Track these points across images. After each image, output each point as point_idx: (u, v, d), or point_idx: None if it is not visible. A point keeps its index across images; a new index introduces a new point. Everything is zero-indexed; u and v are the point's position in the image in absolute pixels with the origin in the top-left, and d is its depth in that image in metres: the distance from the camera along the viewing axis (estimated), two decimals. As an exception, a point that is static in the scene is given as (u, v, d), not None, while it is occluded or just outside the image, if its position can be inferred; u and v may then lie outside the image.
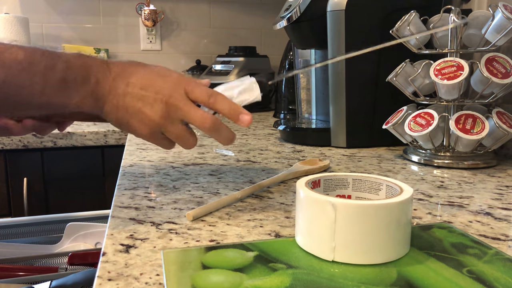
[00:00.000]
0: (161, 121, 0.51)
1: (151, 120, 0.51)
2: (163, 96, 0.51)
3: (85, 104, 0.51)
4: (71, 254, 0.93)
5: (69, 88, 0.49)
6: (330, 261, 0.39)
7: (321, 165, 0.74)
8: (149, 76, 0.52)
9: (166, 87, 0.51)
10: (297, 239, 0.43)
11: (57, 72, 0.48)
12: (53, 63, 0.48)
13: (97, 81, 0.51)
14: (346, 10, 0.90)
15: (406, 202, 0.39)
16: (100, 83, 0.51)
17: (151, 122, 0.51)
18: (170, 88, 0.51)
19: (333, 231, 0.38)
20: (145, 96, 0.51)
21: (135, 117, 0.51)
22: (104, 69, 0.52)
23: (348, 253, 0.39)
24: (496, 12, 0.74)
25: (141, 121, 0.51)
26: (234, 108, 0.53)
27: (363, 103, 0.95)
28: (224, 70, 1.71)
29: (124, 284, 0.36)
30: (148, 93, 0.51)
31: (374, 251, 0.38)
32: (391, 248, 0.39)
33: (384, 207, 0.38)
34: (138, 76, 0.52)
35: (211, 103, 0.52)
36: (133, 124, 0.52)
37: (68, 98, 0.49)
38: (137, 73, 0.52)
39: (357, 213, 0.38)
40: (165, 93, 0.51)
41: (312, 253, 0.40)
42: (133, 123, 0.52)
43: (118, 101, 0.51)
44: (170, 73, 0.54)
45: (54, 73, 0.48)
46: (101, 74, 0.51)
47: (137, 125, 0.52)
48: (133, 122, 0.52)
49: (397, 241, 0.39)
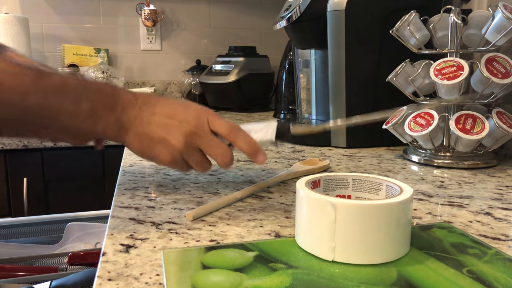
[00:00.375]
0: (183, 149, 0.53)
1: (174, 148, 0.53)
2: (187, 125, 0.53)
3: (109, 131, 0.53)
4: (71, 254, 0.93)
5: (97, 115, 0.51)
6: (330, 261, 0.39)
7: (321, 165, 0.74)
8: (173, 106, 0.55)
9: (189, 117, 0.54)
10: (297, 239, 0.43)
11: (88, 99, 0.50)
12: (85, 90, 0.51)
13: (123, 109, 0.53)
14: (346, 10, 0.90)
15: (406, 202, 0.39)
16: (126, 111, 0.53)
17: (174, 150, 0.53)
18: (194, 118, 0.54)
19: (333, 231, 0.38)
20: (170, 125, 0.53)
21: (159, 145, 0.53)
22: (131, 98, 0.54)
23: (348, 253, 0.39)
24: (496, 12, 0.74)
25: (164, 148, 0.53)
26: (253, 145, 0.55)
27: (363, 103, 0.95)
28: (224, 70, 1.71)
29: (124, 284, 0.36)
30: (173, 121, 0.53)
31: (374, 251, 0.38)
32: (391, 248, 0.39)
33: (384, 207, 0.38)
34: (163, 106, 0.54)
35: (231, 137, 0.55)
36: (156, 151, 0.54)
37: (94, 124, 0.51)
38: (161, 104, 0.55)
39: (357, 213, 0.38)
40: (189, 122, 0.53)
41: (312, 253, 0.40)
42: (156, 150, 0.54)
43: (143, 129, 0.53)
44: (191, 104, 0.56)
45: (85, 100, 0.50)
46: (128, 103, 0.53)
47: (160, 152, 0.54)
48: (156, 149, 0.54)
49: (397, 241, 0.39)
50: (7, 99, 0.46)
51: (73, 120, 0.50)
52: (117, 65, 2.00)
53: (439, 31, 0.81)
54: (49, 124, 0.50)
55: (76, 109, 0.50)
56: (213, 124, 0.55)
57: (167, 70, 2.05)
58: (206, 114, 0.55)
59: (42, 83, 0.48)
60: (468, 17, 0.80)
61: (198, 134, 0.53)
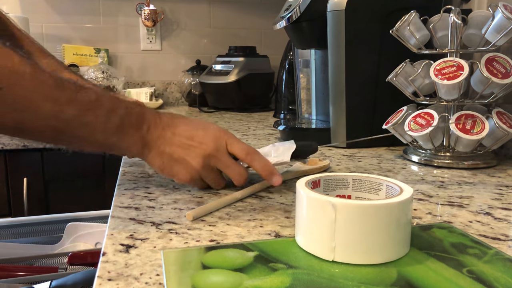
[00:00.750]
0: (201, 169, 0.58)
1: (193, 168, 0.57)
2: (206, 147, 0.57)
3: (134, 147, 0.57)
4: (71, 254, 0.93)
5: (124, 131, 0.55)
6: (330, 261, 0.39)
7: (321, 165, 0.74)
8: (193, 128, 0.59)
9: (209, 139, 0.58)
10: (297, 239, 0.43)
11: (118, 116, 0.54)
12: (116, 107, 0.54)
13: (148, 128, 0.57)
14: (346, 10, 0.90)
15: (406, 202, 0.39)
16: (150, 130, 0.57)
17: (192, 170, 0.58)
18: (212, 141, 0.58)
19: (333, 231, 0.38)
20: (190, 146, 0.57)
21: (178, 164, 0.58)
22: (155, 118, 0.58)
23: (348, 253, 0.39)
24: (496, 12, 0.74)
25: (184, 168, 0.58)
26: (268, 168, 0.59)
27: (363, 103, 0.95)
28: (224, 70, 1.71)
29: (124, 284, 0.36)
30: (193, 143, 0.57)
31: (374, 251, 0.38)
32: (391, 248, 0.39)
33: (384, 207, 0.38)
34: (184, 127, 0.58)
35: (248, 160, 0.59)
36: (175, 170, 0.58)
37: (120, 141, 0.55)
38: (183, 124, 0.59)
39: (357, 213, 0.38)
40: (208, 145, 0.57)
41: (312, 253, 0.40)
42: (176, 169, 0.58)
43: (165, 148, 0.57)
44: (211, 126, 0.60)
45: (115, 116, 0.54)
46: (153, 122, 0.57)
47: (180, 171, 0.58)
48: (176, 168, 0.58)
49: (397, 241, 0.39)
50: (48, 111, 0.48)
51: (102, 135, 0.53)
52: (117, 65, 2.00)
53: (439, 31, 0.81)
54: (81, 136, 0.53)
55: (106, 125, 0.53)
56: (231, 146, 0.59)
57: (167, 70, 2.05)
58: (224, 136, 0.59)
59: (80, 98, 0.50)
60: (468, 17, 0.80)
61: (216, 157, 0.58)
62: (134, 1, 1.96)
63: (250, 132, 1.18)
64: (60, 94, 0.49)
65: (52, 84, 0.48)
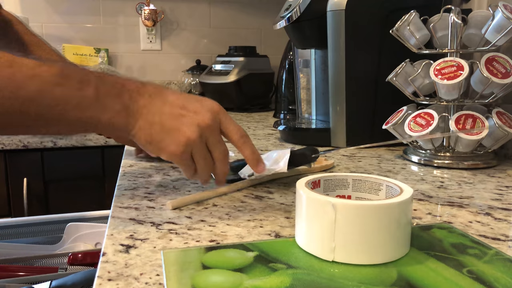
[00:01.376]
0: (196, 140, 0.50)
1: (187, 138, 0.50)
2: (203, 117, 0.51)
3: (117, 119, 0.49)
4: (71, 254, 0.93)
5: (101, 102, 0.48)
6: (330, 261, 0.39)
7: (322, 165, 0.74)
8: (186, 98, 0.53)
9: (203, 109, 0.52)
10: (297, 239, 0.43)
11: (91, 86, 0.48)
12: (87, 78, 0.48)
13: (131, 97, 0.50)
14: (346, 10, 0.90)
15: (406, 203, 0.39)
16: (134, 99, 0.50)
17: (187, 140, 0.50)
18: (208, 112, 0.52)
19: (333, 231, 0.38)
20: (184, 115, 0.51)
21: (170, 135, 0.50)
22: (138, 87, 0.51)
23: (348, 254, 0.39)
24: (496, 12, 0.74)
25: (176, 139, 0.50)
26: (256, 155, 0.54)
27: (363, 103, 0.95)
28: (224, 70, 1.71)
29: (124, 284, 0.36)
30: (187, 112, 0.51)
31: (374, 252, 0.38)
32: (391, 249, 0.39)
33: (384, 208, 0.38)
34: (174, 97, 0.52)
35: (241, 143, 0.53)
36: (166, 142, 0.50)
37: (100, 113, 0.48)
38: (172, 94, 0.53)
39: (357, 213, 0.38)
40: (203, 114, 0.51)
41: (312, 253, 0.40)
42: (167, 141, 0.50)
43: (154, 118, 0.50)
44: (204, 98, 0.54)
45: (88, 87, 0.48)
46: (136, 91, 0.51)
47: (171, 143, 0.50)
48: (167, 140, 0.50)
49: (397, 241, 0.39)
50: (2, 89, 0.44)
51: (76, 111, 0.47)
52: (117, 65, 2.00)
53: (439, 31, 0.81)
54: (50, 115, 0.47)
55: (79, 97, 0.47)
56: (225, 124, 0.53)
57: (167, 70, 2.05)
58: (219, 111, 0.53)
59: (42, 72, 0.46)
60: (468, 17, 0.79)
61: (211, 129, 0.51)
62: (134, 1, 1.96)
63: (250, 132, 1.18)
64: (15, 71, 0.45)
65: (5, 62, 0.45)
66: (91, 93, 0.48)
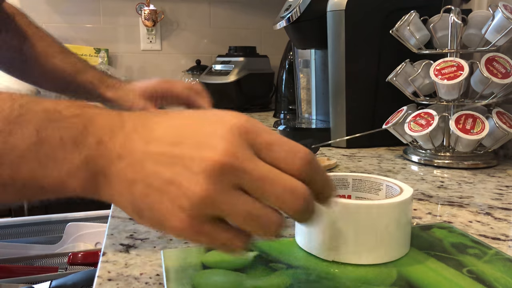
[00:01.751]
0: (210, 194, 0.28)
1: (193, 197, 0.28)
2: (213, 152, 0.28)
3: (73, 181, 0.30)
4: (71, 254, 0.93)
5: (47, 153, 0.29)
6: (330, 261, 0.39)
7: (325, 165, 0.74)
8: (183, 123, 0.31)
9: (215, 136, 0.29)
10: (297, 239, 0.43)
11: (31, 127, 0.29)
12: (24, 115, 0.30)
13: (100, 142, 0.30)
14: (346, 10, 0.90)
15: (406, 202, 0.39)
16: (104, 145, 0.30)
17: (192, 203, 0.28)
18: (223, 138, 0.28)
19: (333, 231, 0.38)
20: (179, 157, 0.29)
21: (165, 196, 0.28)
22: (113, 122, 0.31)
23: (348, 253, 0.39)
24: (496, 12, 0.74)
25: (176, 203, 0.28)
26: (331, 186, 0.32)
27: (363, 103, 0.95)
28: (224, 70, 1.71)
29: (124, 284, 0.36)
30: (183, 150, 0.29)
31: (374, 251, 0.38)
32: (391, 248, 0.39)
33: (385, 207, 0.38)
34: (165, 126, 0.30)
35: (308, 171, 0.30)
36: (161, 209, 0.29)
37: (45, 170, 0.30)
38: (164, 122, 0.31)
39: (357, 213, 0.38)
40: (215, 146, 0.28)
41: (312, 253, 0.40)
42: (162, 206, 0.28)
43: (135, 172, 0.29)
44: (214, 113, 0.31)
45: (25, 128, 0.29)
46: (108, 130, 0.30)
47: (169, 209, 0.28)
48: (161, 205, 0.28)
49: (397, 241, 0.39)
50: None
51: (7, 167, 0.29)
52: (117, 65, 2.00)
53: (439, 31, 0.81)
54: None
55: (12, 149, 0.29)
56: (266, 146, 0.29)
57: (167, 70, 2.05)
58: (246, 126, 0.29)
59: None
60: (468, 17, 0.79)
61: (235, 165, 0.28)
62: (134, 1, 1.96)
63: (250, 132, 1.18)
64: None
65: None
66: (30, 140, 0.29)
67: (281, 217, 0.29)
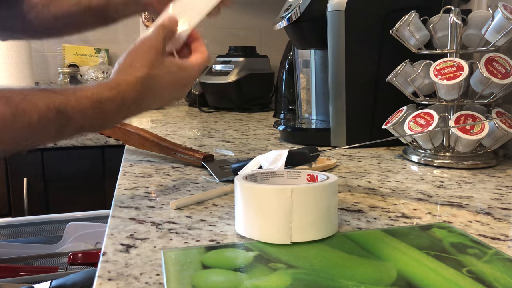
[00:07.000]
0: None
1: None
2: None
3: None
4: (71, 254, 0.93)
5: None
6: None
7: (324, 165, 0.74)
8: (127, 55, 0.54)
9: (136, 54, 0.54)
10: (246, 231, 0.45)
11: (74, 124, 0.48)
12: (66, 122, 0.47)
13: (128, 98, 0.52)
14: (346, 10, 0.90)
15: (335, 183, 0.46)
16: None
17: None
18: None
19: (290, 215, 0.42)
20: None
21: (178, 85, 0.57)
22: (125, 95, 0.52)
23: (304, 233, 0.43)
24: (496, 12, 0.74)
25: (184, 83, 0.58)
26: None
27: (363, 103, 0.95)
28: (224, 70, 1.71)
29: (124, 284, 0.36)
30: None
31: (324, 227, 0.44)
32: (334, 222, 0.45)
33: (330, 186, 0.44)
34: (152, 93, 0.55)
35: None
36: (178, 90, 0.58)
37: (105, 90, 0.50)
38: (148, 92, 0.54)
39: (310, 194, 0.43)
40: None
41: (268, 242, 0.43)
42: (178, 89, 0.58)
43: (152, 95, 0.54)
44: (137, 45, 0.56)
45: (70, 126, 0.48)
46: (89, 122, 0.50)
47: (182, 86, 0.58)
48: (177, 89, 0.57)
49: (335, 215, 0.46)
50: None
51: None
52: (117, 65, 2.00)
53: (439, 31, 0.81)
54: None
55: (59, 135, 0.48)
56: None
57: (167, 70, 2.05)
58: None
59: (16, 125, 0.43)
60: (468, 17, 0.80)
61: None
62: (134, 1, 1.96)
63: (250, 132, 1.18)
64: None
65: None
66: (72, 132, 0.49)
67: None
